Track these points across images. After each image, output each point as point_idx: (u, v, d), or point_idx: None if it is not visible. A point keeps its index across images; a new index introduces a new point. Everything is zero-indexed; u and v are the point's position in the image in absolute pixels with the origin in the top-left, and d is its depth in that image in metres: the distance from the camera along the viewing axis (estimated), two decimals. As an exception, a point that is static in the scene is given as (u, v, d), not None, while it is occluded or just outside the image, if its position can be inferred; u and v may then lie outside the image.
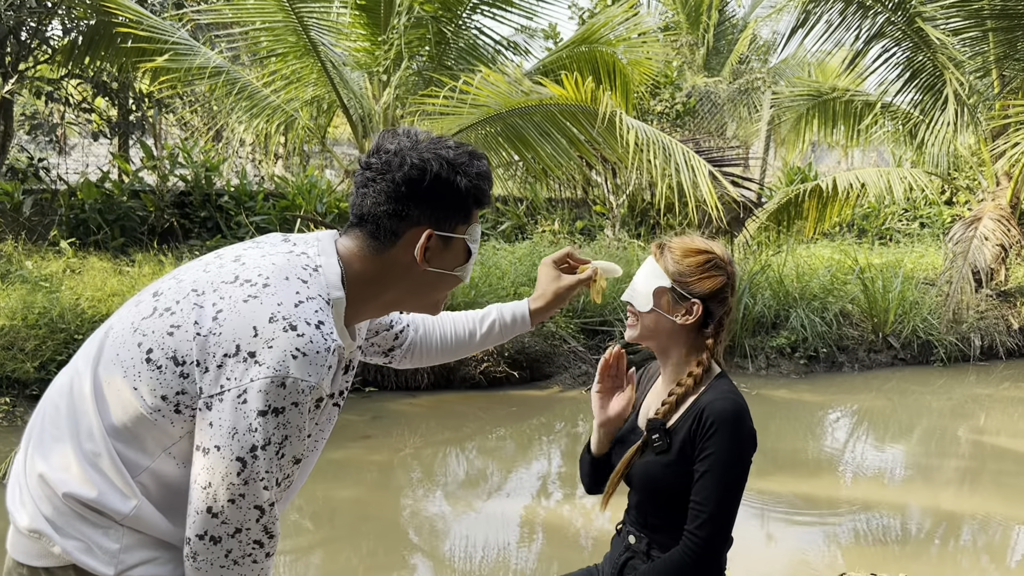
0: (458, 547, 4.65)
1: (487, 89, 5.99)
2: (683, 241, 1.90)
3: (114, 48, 7.56)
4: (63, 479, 1.36)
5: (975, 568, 4.47)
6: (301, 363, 1.31)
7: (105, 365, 1.39)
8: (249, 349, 1.30)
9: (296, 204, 10.10)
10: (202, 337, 1.33)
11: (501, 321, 1.94)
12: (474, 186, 1.48)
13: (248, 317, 1.32)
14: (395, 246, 1.47)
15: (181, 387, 1.34)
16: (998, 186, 9.81)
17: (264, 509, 1.35)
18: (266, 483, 1.33)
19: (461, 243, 1.52)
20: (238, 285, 1.37)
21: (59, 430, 1.39)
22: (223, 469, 1.31)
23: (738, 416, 1.79)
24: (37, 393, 6.15)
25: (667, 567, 1.81)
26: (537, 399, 7.38)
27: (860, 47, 9.91)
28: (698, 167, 5.96)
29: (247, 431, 1.30)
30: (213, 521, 1.33)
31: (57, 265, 8.39)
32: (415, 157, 1.43)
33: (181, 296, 1.39)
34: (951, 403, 8.15)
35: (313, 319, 1.34)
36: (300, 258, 1.43)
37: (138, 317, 1.41)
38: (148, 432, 1.36)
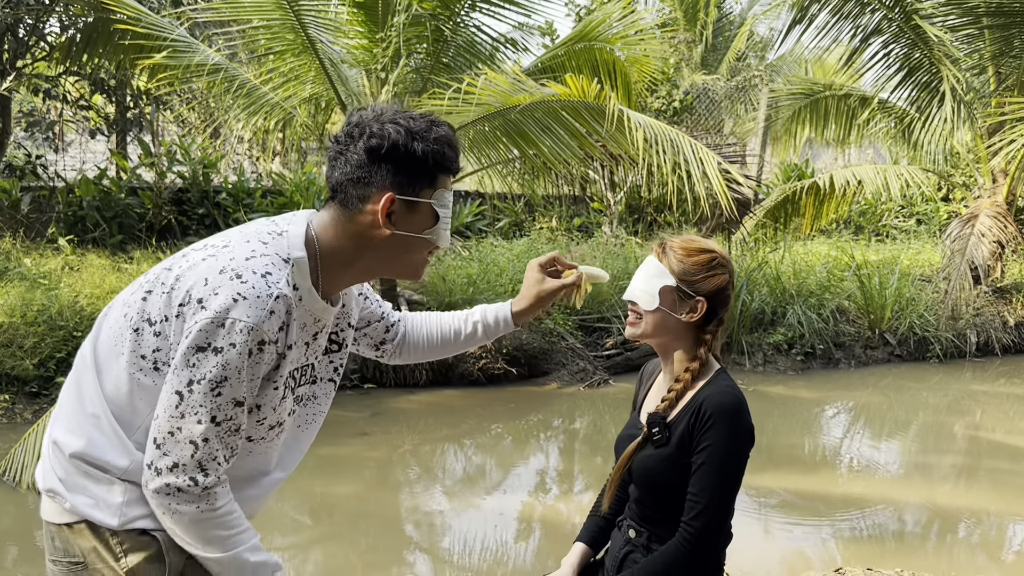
0: (456, 543, 4.67)
1: (489, 89, 6.00)
2: (685, 241, 1.93)
3: (112, 45, 7.55)
4: (69, 441, 1.52)
5: (970, 563, 4.50)
6: (241, 305, 1.41)
7: (101, 339, 1.55)
8: (198, 296, 1.43)
9: (294, 201, 10.10)
10: (166, 295, 1.47)
11: (484, 322, 1.98)
12: (433, 151, 1.55)
13: (202, 271, 1.46)
14: (362, 212, 1.55)
15: (155, 345, 1.48)
16: (994, 183, 9.84)
17: (198, 444, 1.43)
18: (199, 418, 1.43)
19: (428, 207, 1.58)
20: (202, 248, 1.53)
21: (68, 400, 1.57)
22: (166, 401, 1.43)
23: (736, 410, 1.82)
24: (36, 390, 6.16)
25: (663, 558, 1.84)
26: (535, 395, 7.40)
27: (857, 44, 9.93)
28: (707, 159, 5.98)
29: (185, 366, 1.42)
30: (157, 452, 1.45)
31: (55, 262, 8.39)
32: (375, 127, 1.52)
33: (160, 270, 1.54)
34: (947, 399, 8.18)
35: (260, 270, 1.45)
36: (268, 225, 1.56)
37: (127, 294, 1.57)
38: (136, 393, 1.50)
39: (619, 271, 9.16)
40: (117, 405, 1.51)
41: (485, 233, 12.17)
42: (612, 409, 7.20)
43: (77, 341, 6.46)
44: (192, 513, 1.47)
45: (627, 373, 7.94)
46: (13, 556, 4.35)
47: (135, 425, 1.51)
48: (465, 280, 8.28)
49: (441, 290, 7.98)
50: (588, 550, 2.10)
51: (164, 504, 1.46)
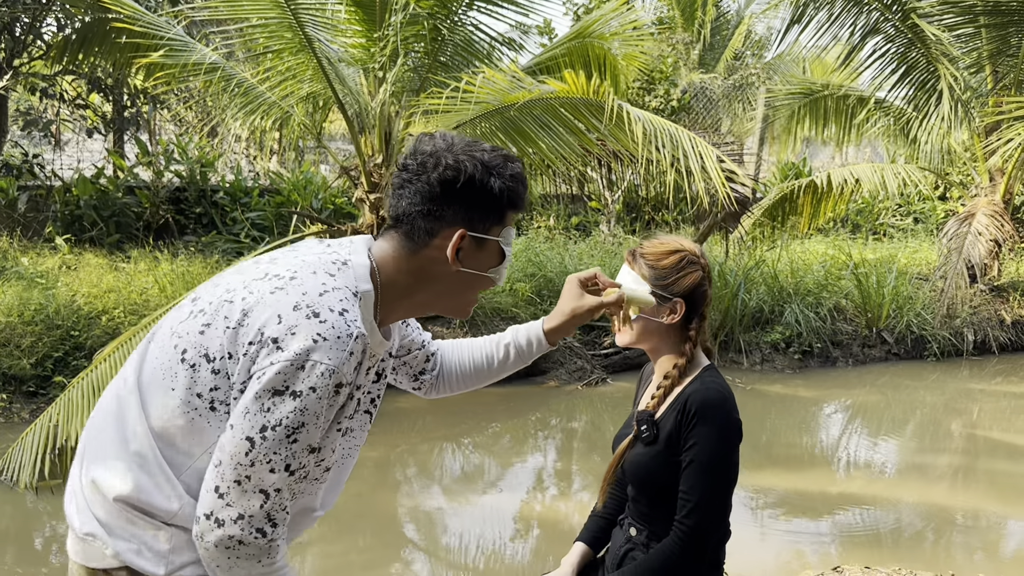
0: (454, 542, 4.67)
1: (488, 87, 5.99)
2: (654, 244, 1.95)
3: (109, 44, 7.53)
4: (112, 483, 1.40)
5: (968, 561, 4.51)
6: (322, 347, 1.31)
7: (147, 370, 1.43)
8: (272, 336, 1.32)
9: (292, 200, 10.09)
10: (232, 330, 1.36)
11: (516, 345, 1.88)
12: (508, 188, 1.49)
13: (273, 306, 1.35)
14: (429, 246, 1.48)
15: (214, 383, 1.36)
16: (991, 182, 9.85)
17: (269, 494, 1.34)
18: (273, 466, 1.32)
19: (495, 245, 1.52)
20: (267, 280, 1.40)
21: (107, 435, 1.44)
22: (232, 447, 1.32)
23: (722, 405, 1.83)
24: (34, 390, 6.16)
25: (658, 556, 1.85)
26: (533, 394, 7.40)
27: (855, 43, 9.93)
28: (706, 153, 5.97)
29: (259, 411, 1.31)
30: (219, 502, 1.33)
31: (53, 261, 8.39)
32: (450, 159, 1.45)
33: (215, 298, 1.43)
34: (944, 398, 8.20)
35: (337, 307, 1.36)
36: (330, 255, 1.46)
37: (176, 321, 1.45)
38: (188, 431, 1.39)
39: (617, 270, 9.15)
40: (166, 444, 1.39)
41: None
42: (610, 408, 7.20)
43: (75, 340, 6.46)
44: (252, 568, 1.37)
45: (625, 372, 7.94)
46: (12, 555, 4.35)
47: (185, 466, 1.40)
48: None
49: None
50: (588, 550, 2.10)
51: (222, 559, 1.35)
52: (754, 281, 9.18)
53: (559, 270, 8.99)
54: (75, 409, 4.86)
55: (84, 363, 6.11)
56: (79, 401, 4.90)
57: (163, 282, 7.60)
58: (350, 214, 10.36)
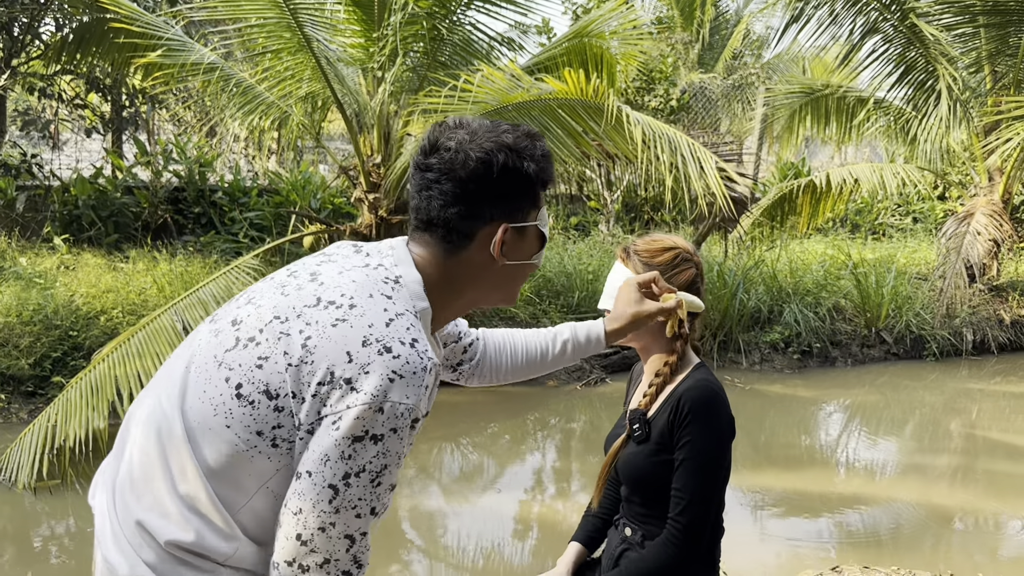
0: (453, 542, 4.67)
1: (486, 86, 5.99)
2: (647, 241, 1.95)
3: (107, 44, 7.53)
4: (162, 525, 1.31)
5: (967, 561, 4.51)
6: (399, 385, 1.25)
7: (192, 403, 1.33)
8: (345, 376, 1.24)
9: (290, 200, 10.08)
10: (294, 367, 1.27)
11: (575, 341, 1.83)
12: (540, 169, 1.42)
13: (340, 342, 1.26)
14: (469, 248, 1.41)
15: (277, 421, 1.28)
16: (990, 181, 9.86)
17: (355, 538, 1.29)
18: (359, 511, 1.27)
19: (534, 230, 1.47)
20: (322, 308, 1.30)
21: (150, 474, 1.33)
22: (314, 496, 1.25)
23: (715, 403, 1.83)
24: (32, 390, 6.15)
25: (652, 555, 1.85)
26: (531, 394, 7.40)
27: (854, 42, 9.94)
28: (704, 158, 5.97)
29: (340, 458, 1.24)
30: (303, 549, 1.27)
31: (51, 261, 8.38)
32: (478, 151, 1.37)
33: (263, 324, 1.32)
34: (943, 397, 8.20)
35: (407, 338, 1.28)
36: (378, 271, 1.37)
37: (220, 349, 1.34)
38: (245, 469, 1.31)
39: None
40: (220, 482, 1.31)
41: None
42: (608, 407, 7.20)
43: (73, 340, 6.45)
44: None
45: (623, 371, 7.94)
46: (9, 556, 4.34)
47: (239, 504, 1.32)
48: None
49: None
50: (583, 550, 2.10)
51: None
52: (753, 281, 9.18)
53: (558, 270, 8.99)
54: (73, 409, 4.86)
55: (82, 363, 6.10)
56: (77, 401, 4.89)
57: (161, 282, 7.59)
58: (349, 214, 10.36)
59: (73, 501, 4.84)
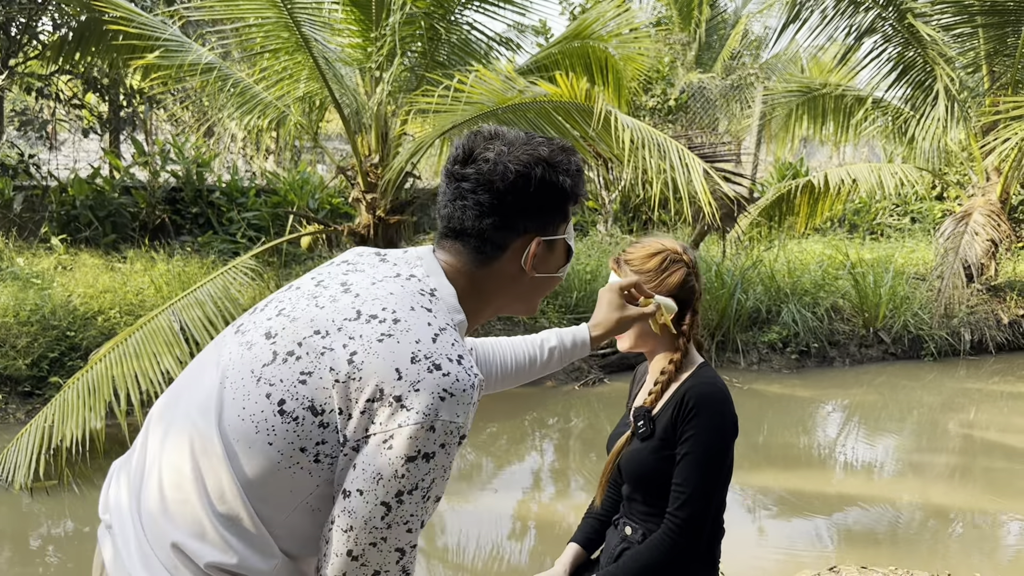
0: (451, 542, 4.67)
1: (480, 87, 5.98)
2: (635, 249, 1.99)
3: (104, 44, 7.53)
4: (200, 547, 1.29)
5: (965, 561, 4.51)
6: (449, 404, 1.25)
7: (231, 421, 1.30)
8: (395, 394, 1.23)
9: (288, 200, 10.08)
10: (341, 384, 1.25)
11: (561, 348, 1.86)
12: (575, 184, 1.43)
13: (388, 359, 1.25)
14: (501, 259, 1.42)
15: (321, 437, 1.27)
16: (988, 181, 9.86)
17: (405, 551, 1.30)
18: (410, 526, 1.28)
19: (562, 243, 1.49)
20: (364, 322, 1.29)
21: (185, 493, 1.31)
22: (366, 513, 1.25)
23: (719, 400, 1.86)
24: (29, 390, 6.14)
25: (650, 549, 1.85)
26: (530, 394, 7.40)
27: (851, 43, 9.94)
28: (692, 164, 5.96)
29: (393, 477, 1.24)
30: (353, 564, 1.27)
31: (48, 262, 8.37)
32: (515, 165, 1.37)
33: (301, 338, 1.31)
34: (941, 397, 8.20)
35: (453, 354, 1.28)
36: (412, 282, 1.37)
37: (257, 364, 1.32)
38: (286, 485, 1.29)
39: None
40: (259, 500, 1.29)
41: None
42: (607, 408, 7.20)
43: (70, 341, 6.44)
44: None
45: (622, 372, 7.94)
46: (6, 557, 4.33)
47: (277, 521, 1.31)
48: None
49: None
50: (582, 551, 2.11)
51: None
52: (751, 281, 9.18)
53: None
54: (70, 410, 4.85)
55: (80, 364, 6.10)
56: (74, 401, 4.88)
57: (159, 282, 7.58)
58: (347, 214, 10.35)
59: (70, 501, 4.83)
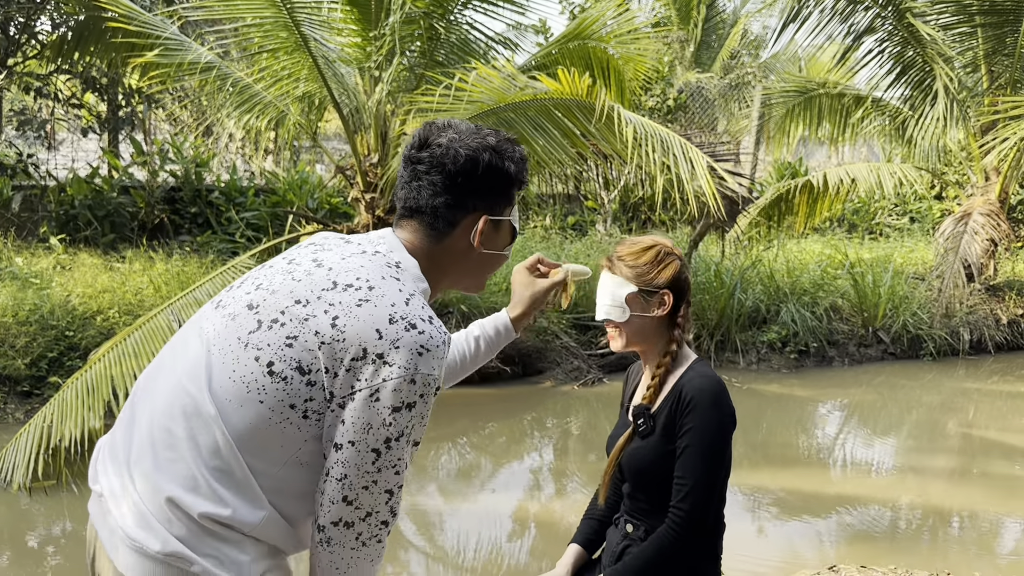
0: (450, 542, 4.66)
1: (482, 85, 5.97)
2: (627, 245, 2.02)
3: (103, 43, 7.52)
4: (194, 500, 1.39)
5: (964, 561, 4.51)
6: (426, 358, 1.40)
7: (221, 383, 1.42)
8: (377, 351, 1.38)
9: (287, 200, 10.07)
10: (327, 345, 1.39)
11: (485, 336, 1.97)
12: (519, 169, 1.60)
13: (368, 321, 1.39)
14: (452, 235, 1.57)
15: (309, 395, 1.40)
16: (987, 181, 9.86)
17: (393, 492, 1.45)
18: (397, 468, 1.44)
19: (508, 224, 1.64)
20: (342, 291, 1.43)
21: (177, 452, 1.42)
22: (358, 460, 1.40)
23: (716, 392, 1.88)
24: (28, 390, 6.13)
25: (654, 545, 1.86)
26: (529, 394, 7.40)
27: (851, 42, 9.94)
28: (696, 159, 5.95)
29: (382, 425, 1.39)
30: (348, 508, 1.42)
31: (47, 262, 8.36)
32: (466, 149, 1.53)
33: (284, 307, 1.44)
34: (940, 397, 8.20)
35: (425, 315, 1.43)
36: (378, 257, 1.51)
37: (243, 332, 1.44)
38: (276, 440, 1.42)
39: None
40: (251, 455, 1.41)
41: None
42: (606, 407, 7.20)
43: (69, 341, 6.44)
44: (363, 570, 1.48)
45: (621, 371, 7.92)
46: (6, 557, 4.33)
47: (269, 474, 1.43)
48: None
49: (435, 289, 7.95)
50: (583, 551, 2.11)
51: (344, 560, 1.46)
52: (750, 281, 9.18)
53: (555, 270, 8.97)
54: (69, 409, 4.84)
55: (79, 363, 6.09)
56: (73, 401, 4.88)
57: (158, 282, 7.58)
58: (346, 214, 10.34)
59: (68, 501, 4.83)
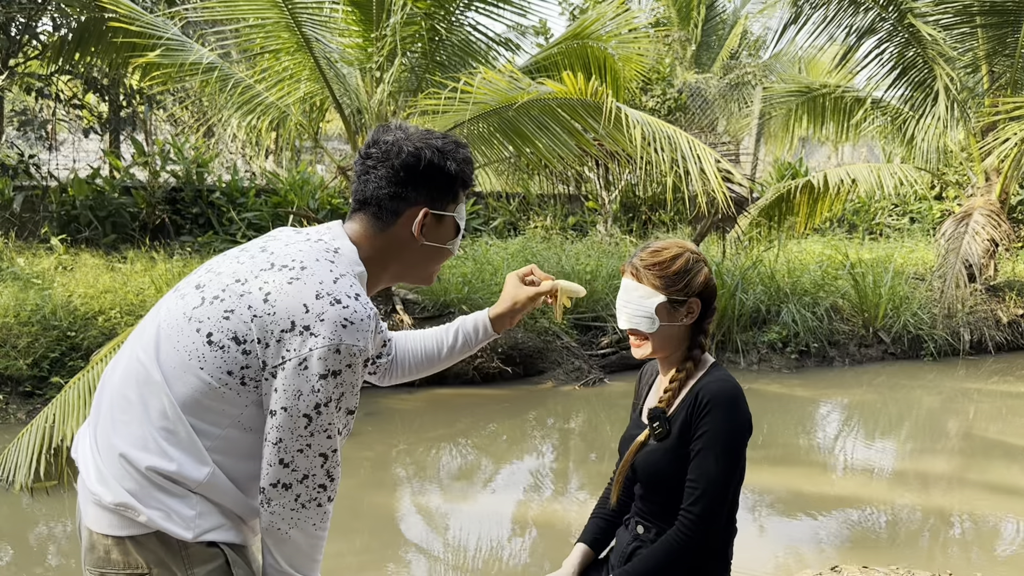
0: (452, 542, 4.67)
1: (485, 87, 5.98)
2: (654, 254, 1.95)
3: (105, 44, 7.54)
4: (142, 456, 1.53)
5: (964, 560, 4.52)
6: (350, 331, 1.51)
7: (168, 352, 1.56)
8: (303, 323, 1.50)
9: (288, 200, 10.08)
10: (259, 318, 1.52)
11: (464, 332, 2.05)
12: (461, 170, 1.71)
13: (296, 296, 1.52)
14: (395, 224, 1.68)
15: (244, 363, 1.53)
16: (987, 181, 9.87)
17: (327, 456, 1.57)
18: (328, 432, 1.55)
19: (451, 220, 1.74)
20: (277, 270, 1.56)
21: (130, 415, 1.56)
22: (291, 425, 1.52)
23: (733, 397, 1.86)
24: (30, 390, 6.14)
25: (664, 547, 1.86)
26: (530, 394, 7.40)
27: (852, 43, 9.94)
28: (704, 155, 5.96)
29: (311, 392, 1.50)
30: (284, 470, 1.54)
31: (48, 262, 8.37)
32: (410, 146, 1.66)
33: (225, 285, 1.58)
34: (941, 397, 8.21)
35: (351, 292, 1.55)
36: (319, 244, 1.63)
37: (188, 307, 1.58)
38: (218, 404, 1.54)
39: (613, 270, 9.17)
40: (195, 417, 1.54)
41: (480, 232, 12.16)
42: (607, 408, 7.20)
43: (71, 341, 6.44)
44: (307, 532, 1.59)
45: (622, 372, 7.95)
46: (7, 557, 4.34)
47: (213, 435, 1.56)
48: (460, 279, 8.28)
49: (436, 289, 7.97)
50: (589, 551, 2.11)
51: (286, 520, 1.56)
52: (751, 281, 9.18)
53: (556, 270, 8.99)
54: (71, 410, 4.85)
55: (80, 363, 6.10)
56: (75, 402, 4.88)
57: (159, 283, 7.58)
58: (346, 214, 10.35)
59: (70, 502, 4.83)
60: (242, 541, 1.63)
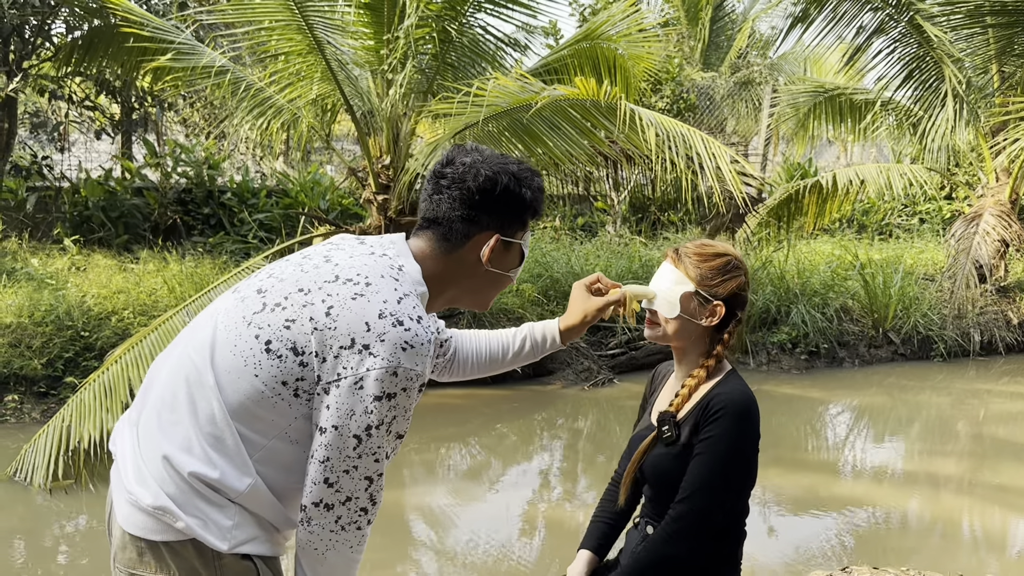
0: (461, 542, 4.69)
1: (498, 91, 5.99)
2: (700, 246, 1.94)
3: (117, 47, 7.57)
4: (187, 460, 1.51)
5: (976, 561, 4.52)
6: (409, 354, 1.48)
7: (223, 356, 1.53)
8: (363, 342, 1.47)
9: (299, 201, 10.13)
10: (319, 331, 1.49)
11: (532, 339, 2.04)
12: (535, 198, 1.69)
13: (359, 313, 1.49)
14: (463, 247, 1.66)
15: (300, 374, 1.50)
16: (997, 182, 9.85)
17: (373, 479, 1.54)
18: (377, 456, 1.52)
19: (518, 248, 1.72)
20: (341, 284, 1.53)
21: (178, 415, 1.54)
22: (340, 445, 1.49)
23: (743, 407, 1.83)
24: (44, 390, 6.20)
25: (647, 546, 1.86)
26: (539, 395, 7.42)
27: (860, 43, 9.93)
28: (719, 153, 5.95)
29: (363, 413, 1.48)
30: (328, 490, 1.51)
31: (62, 263, 8.43)
32: (487, 170, 1.63)
33: (287, 293, 1.55)
34: (951, 398, 8.20)
35: (414, 314, 1.52)
36: (384, 259, 1.60)
37: (248, 312, 1.56)
38: (268, 414, 1.52)
39: (623, 271, 9.19)
40: (243, 425, 1.52)
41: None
42: (616, 409, 7.22)
43: (85, 341, 6.50)
44: (343, 554, 1.57)
45: (632, 372, 7.96)
46: (22, 554, 4.38)
47: (260, 445, 1.53)
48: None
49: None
50: (593, 557, 2.09)
51: (324, 541, 1.54)
52: (760, 281, 9.19)
53: (565, 271, 9.00)
54: (87, 411, 4.90)
55: (94, 364, 6.15)
56: (91, 403, 4.94)
57: (172, 283, 7.63)
58: (357, 215, 10.39)
59: (87, 501, 4.88)
60: (274, 553, 1.62)
